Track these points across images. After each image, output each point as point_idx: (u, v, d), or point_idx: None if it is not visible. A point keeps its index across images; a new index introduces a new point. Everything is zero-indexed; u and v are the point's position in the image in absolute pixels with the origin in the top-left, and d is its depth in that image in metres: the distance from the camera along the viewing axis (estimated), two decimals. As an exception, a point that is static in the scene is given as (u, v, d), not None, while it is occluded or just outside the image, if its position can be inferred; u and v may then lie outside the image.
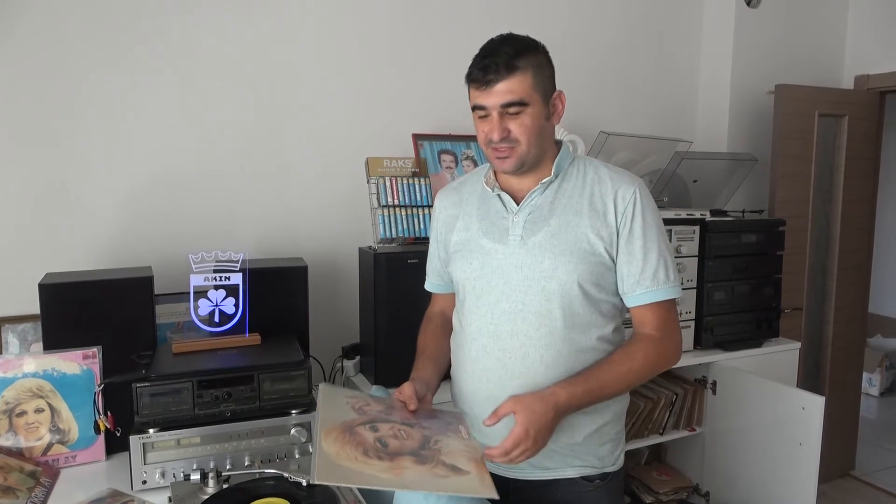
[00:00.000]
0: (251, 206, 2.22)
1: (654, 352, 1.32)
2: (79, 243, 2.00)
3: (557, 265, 1.29)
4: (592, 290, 1.31)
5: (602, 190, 1.33)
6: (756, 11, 2.99)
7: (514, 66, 1.23)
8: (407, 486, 1.10)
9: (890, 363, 4.67)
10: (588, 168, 1.37)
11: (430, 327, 1.55)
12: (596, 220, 1.31)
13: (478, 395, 1.37)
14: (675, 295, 1.34)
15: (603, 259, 1.31)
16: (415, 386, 1.33)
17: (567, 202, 1.33)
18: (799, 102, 2.93)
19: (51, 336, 1.59)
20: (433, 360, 1.45)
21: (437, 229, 1.52)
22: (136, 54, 2.02)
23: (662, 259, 1.32)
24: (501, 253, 1.34)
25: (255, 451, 1.50)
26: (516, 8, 2.57)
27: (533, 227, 1.32)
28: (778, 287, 2.65)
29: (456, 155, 2.40)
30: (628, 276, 1.32)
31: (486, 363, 1.35)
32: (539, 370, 1.30)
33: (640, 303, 1.32)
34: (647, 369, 1.32)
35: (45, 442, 1.53)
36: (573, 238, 1.30)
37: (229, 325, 1.71)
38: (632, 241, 1.31)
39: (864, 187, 3.24)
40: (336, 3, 2.29)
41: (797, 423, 2.13)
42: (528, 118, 1.26)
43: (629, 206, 1.31)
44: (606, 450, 1.39)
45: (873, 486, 3.30)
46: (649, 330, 1.33)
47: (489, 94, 1.25)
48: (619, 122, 2.83)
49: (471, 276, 1.37)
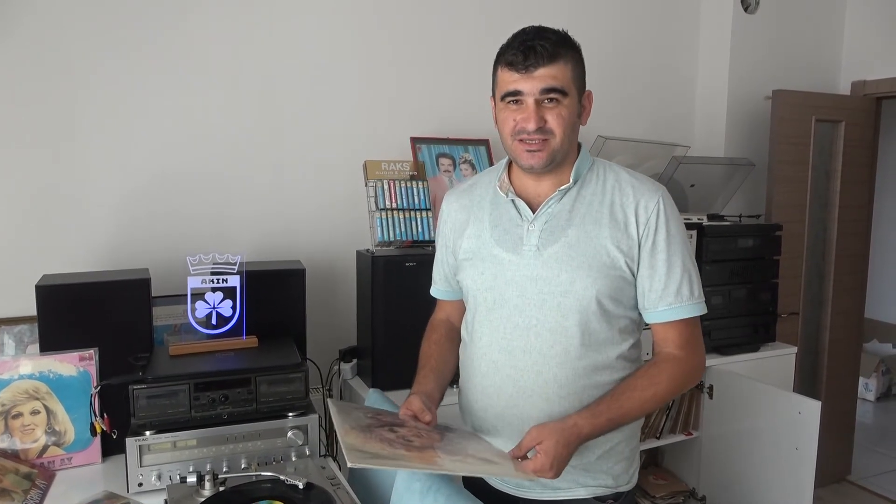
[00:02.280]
0: (249, 209, 2.22)
1: (678, 373, 1.25)
2: (76, 245, 2.00)
3: (575, 279, 1.21)
4: (611, 305, 1.23)
5: (623, 199, 1.25)
6: (753, 17, 3.01)
7: (558, 53, 1.17)
8: (446, 470, 1.07)
9: (886, 368, 4.68)
10: (608, 174, 1.30)
11: (433, 336, 1.47)
12: (617, 231, 1.23)
13: (488, 412, 1.31)
14: (700, 312, 1.26)
15: (623, 273, 1.23)
16: (420, 398, 1.27)
17: (586, 211, 1.25)
18: (796, 108, 2.94)
19: (47, 338, 1.59)
20: (436, 373, 1.38)
21: (444, 234, 1.43)
22: (135, 57, 2.03)
23: (687, 273, 1.24)
24: (515, 264, 1.26)
25: (252, 453, 1.50)
26: (514, 14, 2.58)
27: (550, 237, 1.24)
28: (775, 292, 2.66)
29: (454, 158, 2.41)
30: (650, 292, 1.24)
31: (497, 380, 1.28)
32: (553, 389, 1.24)
33: (663, 319, 1.25)
34: (672, 392, 1.25)
35: (41, 444, 1.52)
36: (592, 250, 1.22)
37: (226, 327, 1.70)
38: (655, 255, 1.23)
39: (861, 193, 3.25)
40: (335, 7, 2.29)
41: (794, 428, 2.14)
42: (565, 110, 1.20)
43: (652, 216, 1.23)
44: (621, 468, 1.32)
45: (869, 491, 3.30)
46: (672, 349, 1.26)
47: (528, 79, 1.17)
48: (617, 126, 2.84)
49: (482, 287, 1.30)
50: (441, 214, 1.46)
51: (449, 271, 1.44)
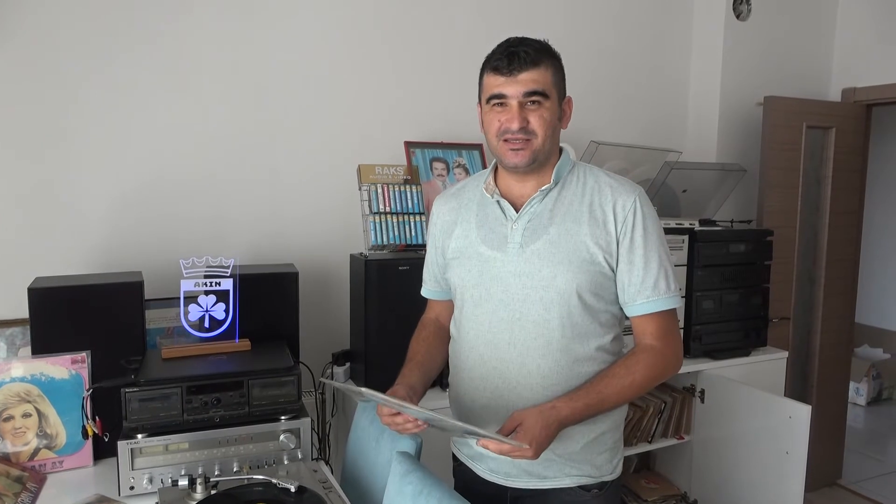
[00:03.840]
0: (243, 212, 2.22)
1: (655, 362, 1.31)
2: (69, 247, 1.99)
3: (556, 274, 1.28)
4: (591, 299, 1.30)
5: (602, 198, 1.32)
6: (745, 24, 3.03)
7: (539, 59, 1.26)
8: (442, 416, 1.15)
9: (877, 373, 4.71)
10: (588, 176, 1.36)
11: (422, 333, 1.53)
12: (595, 228, 1.30)
13: (475, 402, 1.37)
14: (676, 304, 1.33)
15: (602, 268, 1.29)
16: (404, 388, 1.33)
17: (566, 210, 1.32)
18: (787, 114, 2.97)
19: (39, 340, 1.58)
20: (421, 367, 1.44)
21: (434, 235, 1.50)
22: (129, 60, 2.03)
23: (663, 269, 1.31)
24: (500, 261, 1.32)
25: (244, 456, 1.50)
26: (509, 18, 2.59)
27: (532, 234, 1.31)
28: (766, 296, 2.68)
29: (448, 163, 2.41)
30: (629, 286, 1.31)
31: (483, 372, 1.34)
32: (536, 380, 1.30)
33: (641, 312, 1.31)
34: (649, 380, 1.31)
35: (33, 447, 1.52)
36: (572, 246, 1.29)
37: (219, 330, 1.71)
38: (632, 251, 1.30)
39: (851, 198, 3.28)
40: (328, 11, 2.30)
41: (784, 432, 2.15)
42: (546, 112, 1.27)
43: (629, 214, 1.30)
44: (604, 458, 1.38)
45: (860, 495, 3.32)
46: (650, 340, 1.32)
47: (513, 83, 1.25)
48: (610, 131, 2.85)
49: (468, 284, 1.36)
50: (431, 217, 1.52)
51: (438, 271, 1.50)
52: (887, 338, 5.01)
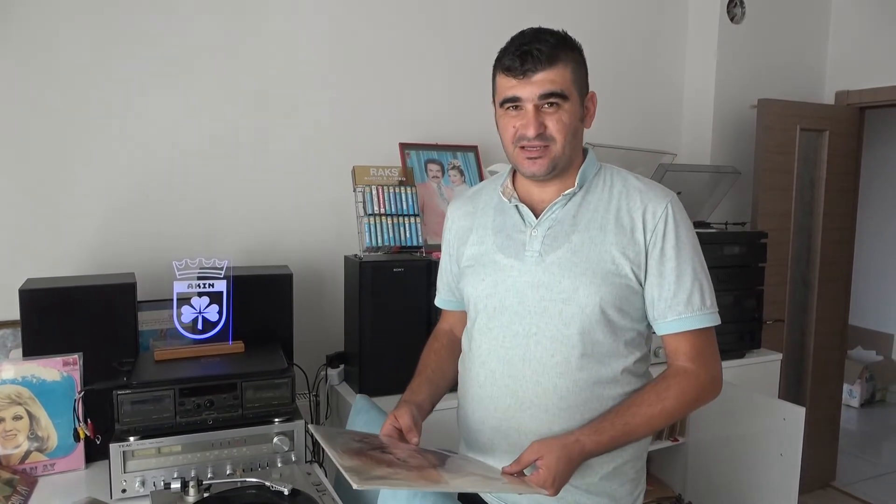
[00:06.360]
0: (236, 213, 2.21)
1: (688, 388, 1.18)
2: (61, 249, 1.98)
3: (578, 286, 1.17)
4: (616, 315, 1.18)
5: (630, 204, 1.20)
6: (739, 27, 3.04)
7: (556, 56, 1.15)
8: (452, 488, 1.05)
9: (870, 375, 4.73)
10: (615, 179, 1.25)
11: (434, 345, 1.44)
12: (622, 237, 1.18)
13: (484, 424, 1.26)
14: (713, 322, 1.20)
15: (629, 281, 1.18)
16: (410, 412, 1.22)
17: (591, 216, 1.21)
18: (781, 117, 2.98)
19: (30, 342, 1.57)
20: (430, 383, 1.35)
21: (449, 241, 1.40)
22: (123, 61, 2.02)
23: (698, 282, 1.19)
24: (517, 270, 1.22)
25: (237, 459, 1.49)
26: (503, 21, 2.59)
27: (553, 242, 1.20)
28: (760, 299, 2.68)
29: (443, 164, 2.41)
30: (658, 301, 1.19)
31: (494, 391, 1.24)
32: (552, 401, 1.19)
33: (672, 330, 1.19)
34: (682, 408, 1.19)
35: (23, 449, 1.51)
36: (596, 256, 1.17)
37: (213, 332, 1.70)
38: (663, 262, 1.18)
39: (845, 201, 3.29)
40: (323, 13, 2.29)
41: (778, 434, 2.15)
42: (565, 115, 1.16)
43: (660, 222, 1.18)
44: (625, 491, 1.26)
45: (853, 497, 3.33)
46: (683, 361, 1.20)
47: (526, 85, 1.15)
48: (604, 133, 2.85)
49: (482, 295, 1.26)
50: (445, 222, 1.42)
51: (452, 280, 1.41)
52: (881, 340, 5.03)
